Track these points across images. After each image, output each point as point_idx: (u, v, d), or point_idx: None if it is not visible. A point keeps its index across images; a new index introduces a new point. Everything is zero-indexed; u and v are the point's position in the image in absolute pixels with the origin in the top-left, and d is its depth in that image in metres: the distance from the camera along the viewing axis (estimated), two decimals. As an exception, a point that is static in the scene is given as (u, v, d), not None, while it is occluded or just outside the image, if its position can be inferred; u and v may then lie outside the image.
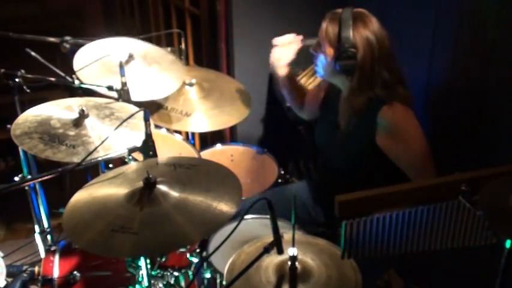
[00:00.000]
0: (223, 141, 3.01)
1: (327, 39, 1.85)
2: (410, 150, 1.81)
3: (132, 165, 1.67)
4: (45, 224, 2.30)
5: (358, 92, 1.84)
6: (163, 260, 1.90)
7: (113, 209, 1.43)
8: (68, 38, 2.23)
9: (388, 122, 1.80)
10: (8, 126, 1.81)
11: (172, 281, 1.89)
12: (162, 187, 1.46)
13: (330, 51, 1.84)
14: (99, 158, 1.68)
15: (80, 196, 1.53)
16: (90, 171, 2.30)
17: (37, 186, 2.23)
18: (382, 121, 1.80)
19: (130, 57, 2.20)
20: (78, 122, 1.81)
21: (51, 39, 2.25)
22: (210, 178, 1.56)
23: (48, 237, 2.32)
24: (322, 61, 1.89)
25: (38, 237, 2.29)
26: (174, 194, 1.45)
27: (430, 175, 1.78)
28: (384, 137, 1.82)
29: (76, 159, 1.66)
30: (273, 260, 1.46)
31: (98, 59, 2.09)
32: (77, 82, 2.05)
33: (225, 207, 1.41)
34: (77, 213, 1.46)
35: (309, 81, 2.80)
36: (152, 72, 2.20)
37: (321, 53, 1.89)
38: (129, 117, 1.71)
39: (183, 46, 2.44)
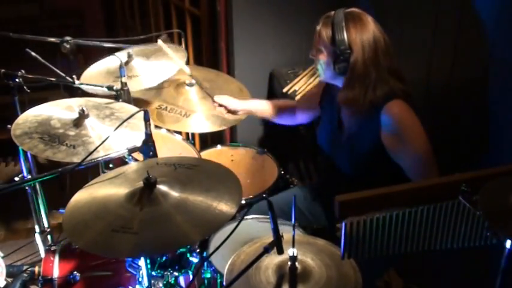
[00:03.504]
0: (223, 142, 3.01)
1: (322, 44, 1.85)
2: (411, 149, 1.80)
3: (132, 165, 1.67)
4: (45, 224, 2.30)
5: (357, 92, 1.83)
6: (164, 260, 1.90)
7: (113, 209, 1.44)
8: (68, 38, 2.23)
9: (391, 120, 1.79)
10: (8, 126, 1.81)
11: (172, 281, 1.89)
12: (162, 187, 1.47)
13: (326, 55, 1.85)
14: (99, 158, 1.68)
15: (80, 196, 1.53)
16: (90, 171, 2.30)
17: (37, 186, 2.23)
18: (386, 119, 1.79)
19: (130, 56, 2.20)
20: (78, 122, 1.81)
21: (51, 39, 2.26)
22: (210, 178, 1.56)
23: (48, 237, 2.32)
24: (321, 65, 1.89)
25: (38, 237, 2.29)
26: (174, 194, 1.45)
27: (433, 176, 1.77)
28: (387, 135, 1.81)
29: (76, 159, 1.66)
30: (273, 260, 1.46)
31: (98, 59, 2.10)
32: (77, 82, 2.05)
33: (225, 207, 1.41)
34: (77, 213, 1.46)
35: (309, 81, 2.80)
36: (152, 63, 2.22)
37: (318, 57, 1.89)
38: (129, 117, 1.70)
39: (183, 46, 2.44)
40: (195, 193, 1.46)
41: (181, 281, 1.98)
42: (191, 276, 1.95)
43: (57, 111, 1.88)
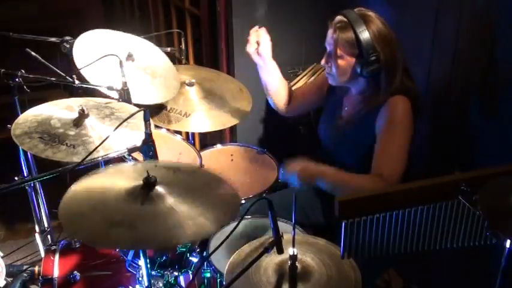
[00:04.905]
0: (223, 141, 3.01)
1: (343, 49, 1.82)
2: (389, 139, 1.80)
3: (130, 167, 1.66)
4: (45, 224, 2.30)
5: (382, 94, 1.83)
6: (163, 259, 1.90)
7: (110, 203, 1.42)
8: (68, 38, 2.23)
9: (387, 110, 1.81)
10: (8, 126, 1.81)
11: (172, 281, 1.89)
12: (160, 189, 1.45)
13: (349, 58, 1.82)
14: (99, 158, 1.68)
15: (77, 187, 1.50)
16: (90, 171, 2.30)
17: (37, 186, 2.23)
18: (384, 109, 1.81)
19: (130, 56, 2.20)
20: (78, 122, 1.81)
21: (51, 39, 2.26)
22: (206, 184, 1.55)
23: (48, 237, 2.32)
24: (339, 70, 1.86)
25: (38, 237, 2.29)
26: (171, 197, 1.43)
27: (392, 176, 1.74)
28: (379, 123, 1.83)
29: (76, 159, 1.66)
30: (273, 259, 1.46)
31: (98, 59, 2.08)
32: (77, 82, 2.05)
33: (219, 213, 1.39)
34: (73, 205, 1.43)
35: (309, 81, 2.80)
36: (147, 80, 2.20)
37: (336, 62, 1.85)
38: (129, 117, 1.70)
39: (183, 46, 2.44)
40: (191, 197, 1.44)
41: (181, 280, 1.98)
42: (191, 276, 1.95)
43: (57, 111, 1.87)
